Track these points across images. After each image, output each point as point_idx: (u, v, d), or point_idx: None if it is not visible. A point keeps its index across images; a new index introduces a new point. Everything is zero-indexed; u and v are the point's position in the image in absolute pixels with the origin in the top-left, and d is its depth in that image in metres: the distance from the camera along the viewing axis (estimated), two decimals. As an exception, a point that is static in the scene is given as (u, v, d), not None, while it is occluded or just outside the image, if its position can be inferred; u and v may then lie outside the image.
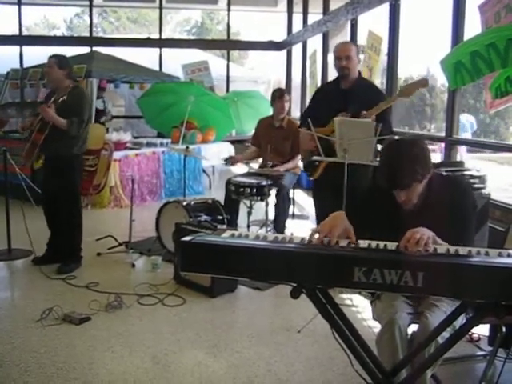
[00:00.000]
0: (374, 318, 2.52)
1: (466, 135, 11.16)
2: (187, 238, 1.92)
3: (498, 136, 21.18)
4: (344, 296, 4.02)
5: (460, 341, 3.21)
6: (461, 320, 2.17)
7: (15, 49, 11.72)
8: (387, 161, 2.32)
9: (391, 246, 1.97)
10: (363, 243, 1.97)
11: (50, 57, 4.65)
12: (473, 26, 5.21)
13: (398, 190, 2.31)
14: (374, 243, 1.97)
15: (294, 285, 1.87)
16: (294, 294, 1.85)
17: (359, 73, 4.28)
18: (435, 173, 2.44)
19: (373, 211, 2.42)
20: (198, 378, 3.00)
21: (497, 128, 21.85)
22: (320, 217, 4.12)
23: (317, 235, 2.06)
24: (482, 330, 3.28)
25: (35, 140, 4.52)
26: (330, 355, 3.21)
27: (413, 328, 2.39)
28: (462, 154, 10.34)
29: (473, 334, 3.39)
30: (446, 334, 2.08)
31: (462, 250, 1.91)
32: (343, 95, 4.16)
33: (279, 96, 5.49)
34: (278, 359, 3.21)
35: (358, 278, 1.76)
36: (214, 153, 8.79)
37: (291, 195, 5.80)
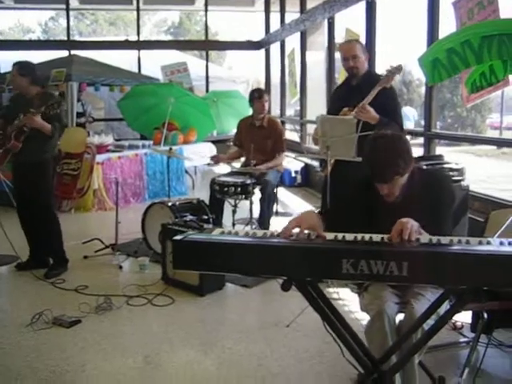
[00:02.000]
0: (361, 310, 2.59)
1: (410, 124, 12.83)
2: (179, 237, 1.97)
3: (474, 129, 21.51)
4: (331, 290, 4.10)
5: (444, 329, 3.34)
6: (445, 307, 2.26)
7: (-9, 54, 11.63)
8: (370, 155, 2.42)
9: (376, 237, 2.04)
10: (349, 236, 2.04)
11: (13, 64, 4.66)
12: (447, 23, 5.32)
13: (380, 184, 2.41)
14: (359, 236, 2.04)
15: (285, 278, 1.93)
16: (285, 287, 1.91)
17: (368, 67, 4.33)
18: (416, 167, 2.54)
19: (357, 206, 2.52)
20: (191, 376, 3.05)
21: (473, 121, 22.19)
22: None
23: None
24: (465, 318, 3.38)
25: (13, 148, 4.51)
26: (319, 348, 3.28)
27: (400, 317, 2.47)
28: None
29: (456, 322, 3.49)
30: (431, 322, 2.15)
31: (444, 240, 1.99)
32: (352, 91, 4.20)
33: (258, 97, 5.54)
34: (268, 354, 3.27)
35: (347, 269, 1.82)
36: (196, 153, 8.83)
37: (275, 192, 5.86)
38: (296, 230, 2.09)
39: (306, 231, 2.10)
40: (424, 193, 2.48)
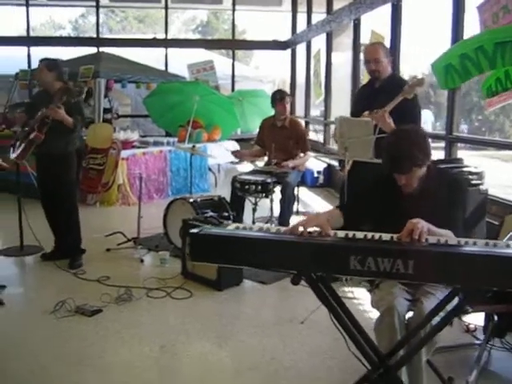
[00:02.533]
0: (372, 306, 2.65)
1: (427, 126, 13.53)
2: (195, 230, 2.06)
3: (502, 133, 21.20)
4: (346, 289, 4.16)
5: (457, 331, 3.39)
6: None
7: (23, 50, 11.93)
8: (390, 147, 2.54)
9: (385, 236, 2.10)
10: (359, 234, 2.10)
11: (40, 60, 4.86)
12: (472, 26, 5.32)
13: (399, 174, 2.51)
14: (369, 234, 2.11)
15: (295, 272, 2.01)
16: (294, 281, 1.99)
17: (393, 70, 4.33)
18: (434, 165, 2.63)
19: (376, 200, 2.62)
20: (205, 366, 3.15)
21: (502, 125, 21.87)
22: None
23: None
24: (478, 321, 3.41)
25: (36, 139, 4.64)
26: (331, 344, 3.34)
27: (410, 315, 2.53)
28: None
29: (469, 324, 3.52)
30: (438, 319, 2.21)
31: (451, 240, 2.05)
32: (375, 94, 4.24)
33: (280, 99, 5.63)
34: (281, 348, 3.35)
35: (354, 265, 1.90)
36: (220, 151, 8.94)
37: (296, 192, 5.93)
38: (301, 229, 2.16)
39: (316, 228, 2.17)
40: (440, 190, 2.57)
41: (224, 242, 2.01)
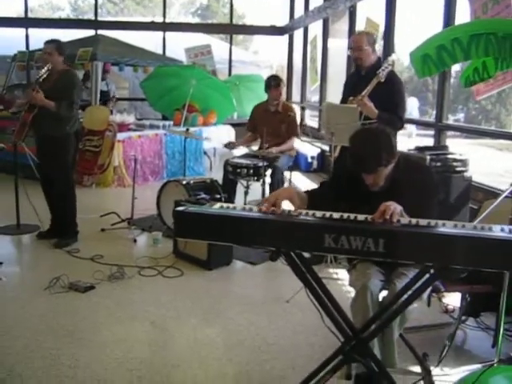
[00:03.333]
0: (349, 285, 2.79)
1: (415, 113, 14.06)
2: (181, 208, 2.18)
3: (498, 122, 21.28)
4: (331, 270, 4.30)
5: (436, 311, 3.54)
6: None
7: (21, 31, 11.94)
8: (355, 148, 2.58)
9: (360, 217, 2.22)
10: (336, 214, 2.22)
11: (49, 42, 4.82)
12: (464, 15, 5.41)
13: (365, 174, 2.58)
14: (345, 214, 2.23)
15: (273, 249, 2.13)
16: (273, 258, 2.11)
17: (378, 58, 4.45)
18: (403, 157, 2.68)
19: (348, 190, 2.68)
20: (193, 340, 3.29)
21: (498, 114, 21.93)
22: None
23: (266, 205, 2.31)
24: (457, 302, 3.55)
25: (25, 119, 4.74)
26: (314, 322, 3.46)
27: (384, 294, 2.66)
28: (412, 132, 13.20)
29: (448, 305, 3.67)
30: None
31: (422, 222, 2.17)
32: (361, 81, 4.32)
33: (275, 85, 5.71)
34: (266, 325, 3.49)
35: (328, 243, 2.02)
36: (216, 135, 9.03)
37: (287, 176, 6.04)
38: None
39: (285, 208, 2.28)
40: (409, 180, 2.62)
41: (206, 220, 2.13)
